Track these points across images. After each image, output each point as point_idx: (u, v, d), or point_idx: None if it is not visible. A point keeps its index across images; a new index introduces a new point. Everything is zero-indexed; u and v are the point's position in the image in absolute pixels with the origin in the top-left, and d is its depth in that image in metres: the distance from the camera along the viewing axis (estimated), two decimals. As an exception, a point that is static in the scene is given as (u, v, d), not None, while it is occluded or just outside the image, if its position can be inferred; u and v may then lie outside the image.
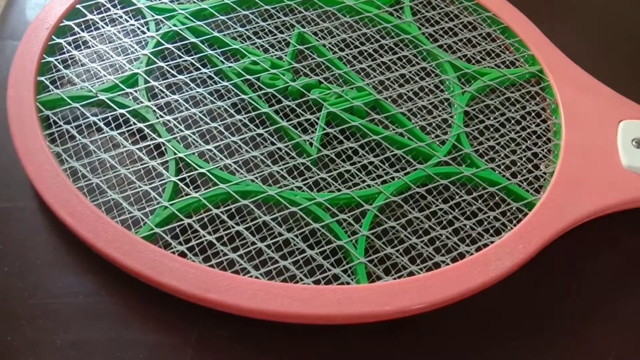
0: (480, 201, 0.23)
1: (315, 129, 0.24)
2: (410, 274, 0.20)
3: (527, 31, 0.27)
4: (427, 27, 0.28)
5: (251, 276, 0.20)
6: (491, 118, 0.25)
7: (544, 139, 0.24)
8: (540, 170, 0.23)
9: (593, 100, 0.25)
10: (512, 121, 0.25)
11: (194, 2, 0.27)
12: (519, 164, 0.24)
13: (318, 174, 0.23)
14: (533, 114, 0.25)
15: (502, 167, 0.24)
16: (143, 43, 0.26)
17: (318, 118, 0.24)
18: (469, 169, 0.23)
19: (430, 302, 0.20)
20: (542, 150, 0.24)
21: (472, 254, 0.21)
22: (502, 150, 0.24)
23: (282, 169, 0.23)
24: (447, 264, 0.21)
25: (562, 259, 0.23)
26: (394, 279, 0.20)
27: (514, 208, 0.22)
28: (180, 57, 0.25)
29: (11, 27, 0.28)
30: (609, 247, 0.23)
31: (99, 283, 0.21)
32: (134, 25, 0.26)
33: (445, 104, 0.25)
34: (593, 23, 0.30)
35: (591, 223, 0.23)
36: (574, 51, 0.27)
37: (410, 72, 0.26)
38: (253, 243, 0.21)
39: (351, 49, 0.27)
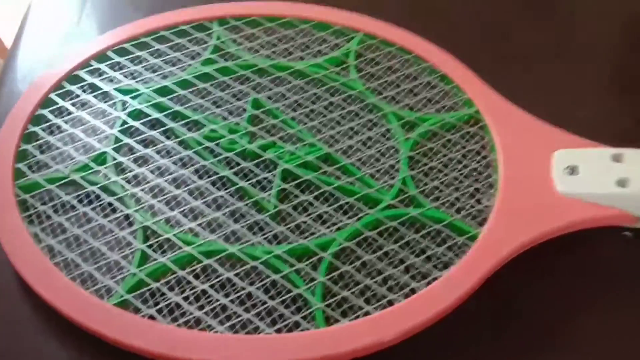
0: (428, 238, 0.24)
1: (273, 186, 0.26)
2: (366, 313, 0.22)
3: (464, 76, 0.29)
4: (371, 82, 0.30)
5: (216, 332, 0.21)
6: (434, 160, 0.27)
7: (484, 174, 0.26)
8: (482, 204, 0.25)
9: (528, 134, 0.27)
10: (454, 161, 0.27)
11: (156, 80, 0.30)
12: (462, 200, 0.25)
13: (277, 228, 0.24)
14: (473, 152, 0.27)
15: (447, 204, 0.25)
16: (111, 122, 0.28)
17: (275, 175, 0.26)
18: (415, 210, 0.25)
19: (383, 340, 0.21)
20: (483, 185, 0.26)
21: (422, 289, 0.22)
22: (446, 188, 0.26)
23: (243, 227, 0.24)
24: (400, 301, 0.22)
25: (509, 286, 0.24)
26: (350, 320, 0.22)
27: (459, 242, 0.24)
28: (144, 132, 0.28)
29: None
30: (551, 269, 0.25)
31: (79, 352, 0.22)
32: (102, 107, 0.29)
33: (392, 151, 0.27)
34: (530, 61, 0.33)
35: (537, 248, 0.24)
36: (511, 89, 0.29)
37: (358, 124, 0.28)
38: (217, 300, 0.22)
39: (303, 109, 0.29)
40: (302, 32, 0.32)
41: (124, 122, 0.28)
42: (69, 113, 0.29)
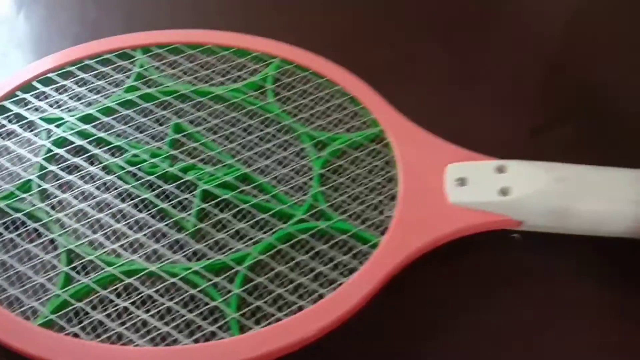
0: (336, 248, 0.27)
1: (193, 206, 0.28)
2: (277, 320, 0.24)
3: (370, 98, 0.32)
4: (287, 105, 0.32)
5: (137, 345, 0.23)
6: (343, 176, 0.30)
7: (387, 188, 0.29)
8: (384, 215, 0.28)
9: (425, 150, 0.30)
10: (361, 176, 0.30)
11: (80, 109, 0.31)
12: (366, 212, 0.28)
13: (195, 245, 0.26)
14: (378, 168, 0.30)
15: (353, 216, 0.28)
16: (36, 151, 0.29)
17: (194, 196, 0.28)
18: (324, 222, 0.27)
19: (292, 343, 0.23)
20: (386, 197, 0.29)
21: (328, 294, 0.25)
22: (353, 202, 0.29)
23: (163, 246, 0.26)
24: (308, 307, 0.24)
25: (407, 286, 0.26)
26: (262, 327, 0.24)
27: (363, 250, 0.27)
28: (68, 159, 0.29)
29: None
30: (448, 271, 0.28)
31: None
32: (27, 136, 0.30)
33: (305, 169, 0.30)
34: (431, 83, 0.36)
35: (433, 253, 0.27)
36: (414, 109, 0.32)
37: (274, 145, 0.31)
38: (138, 315, 0.24)
39: (223, 132, 0.31)
40: (223, 58, 0.34)
41: (49, 150, 0.29)
42: (-5, 143, 0.30)
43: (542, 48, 0.40)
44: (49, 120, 0.30)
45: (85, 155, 0.29)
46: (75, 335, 0.23)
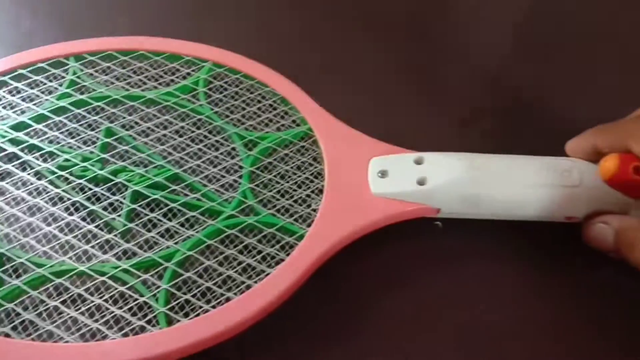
0: (264, 241, 0.28)
1: (123, 207, 0.28)
2: (205, 312, 0.25)
3: (299, 98, 0.33)
4: (219, 107, 0.33)
5: (67, 342, 0.24)
6: (273, 173, 0.31)
7: (315, 182, 0.30)
8: (311, 208, 0.29)
9: (349, 145, 0.31)
10: (290, 172, 0.31)
11: (13, 117, 0.31)
12: (295, 205, 0.29)
13: (125, 245, 0.27)
14: (306, 164, 0.31)
15: (282, 210, 0.29)
16: (-33, 159, 0.30)
17: (125, 197, 0.29)
18: (252, 218, 0.28)
19: (219, 333, 0.24)
20: (313, 192, 0.30)
21: (255, 285, 0.26)
22: (282, 197, 0.30)
23: (93, 246, 0.27)
24: (236, 297, 0.25)
25: (337, 274, 0.28)
26: (189, 319, 0.25)
27: (291, 242, 0.28)
28: (0, 166, 0.29)
29: None
30: (374, 258, 0.29)
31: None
32: (-42, 144, 0.30)
33: (236, 167, 0.31)
34: (358, 82, 0.38)
35: (358, 244, 0.29)
36: (342, 107, 0.34)
37: (205, 145, 0.32)
38: (68, 314, 0.25)
39: (155, 134, 0.32)
40: (155, 63, 0.35)
41: (-20, 158, 0.30)
42: None
43: (467, 47, 0.42)
44: (-20, 129, 0.31)
45: (18, 162, 0.30)
46: (7, 336, 0.24)
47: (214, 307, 0.25)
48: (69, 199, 0.29)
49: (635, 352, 0.27)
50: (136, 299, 0.25)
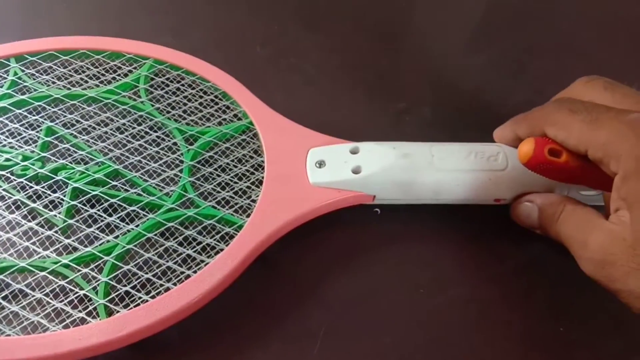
0: (204, 233, 0.29)
1: (63, 204, 0.29)
2: (144, 302, 0.26)
3: (239, 92, 0.34)
4: (160, 103, 0.34)
5: (8, 335, 0.24)
6: (214, 166, 0.32)
7: (255, 175, 0.31)
8: (251, 199, 0.30)
9: (289, 137, 0.32)
10: (231, 165, 0.32)
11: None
12: (235, 197, 0.30)
13: (65, 240, 0.28)
14: (247, 157, 0.32)
15: (223, 202, 0.30)
16: None
17: (65, 194, 0.29)
18: (192, 210, 0.29)
19: (159, 320, 0.25)
20: (253, 183, 0.31)
21: (194, 275, 0.27)
22: (222, 190, 0.31)
23: (34, 243, 0.27)
24: (174, 287, 0.26)
25: (282, 262, 0.29)
26: (128, 309, 0.25)
27: (230, 232, 0.29)
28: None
29: None
30: (317, 246, 0.30)
31: None
32: None
33: (177, 162, 0.32)
34: (301, 77, 0.39)
35: (302, 229, 0.30)
36: (284, 101, 0.35)
37: (146, 141, 0.32)
38: (10, 308, 0.25)
39: (96, 131, 0.32)
40: (97, 62, 0.35)
41: None
42: None
43: (404, 40, 0.43)
44: None
45: (-44, 163, 0.30)
46: (-55, 333, 0.24)
47: (153, 297, 0.26)
48: (10, 198, 0.29)
49: (562, 318, 0.29)
50: (76, 293, 0.26)
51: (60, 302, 0.26)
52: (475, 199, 0.31)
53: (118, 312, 0.25)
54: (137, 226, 0.28)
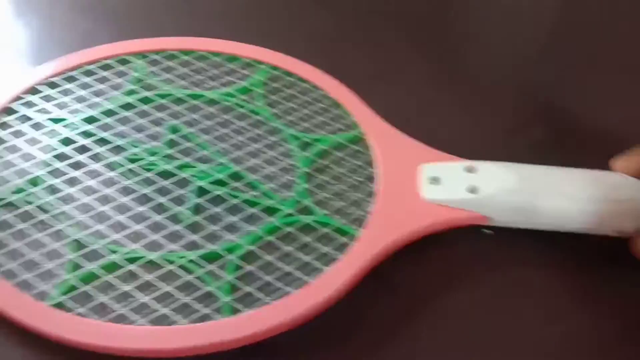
0: (320, 241, 0.29)
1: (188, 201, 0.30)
2: (266, 304, 0.27)
3: (351, 102, 0.35)
4: (274, 108, 0.35)
5: (137, 325, 0.26)
6: (327, 175, 0.32)
7: (366, 186, 0.32)
8: (363, 210, 0.31)
9: (400, 150, 0.33)
10: (343, 175, 0.32)
11: (83, 110, 0.33)
12: (348, 208, 0.31)
13: (191, 237, 0.29)
14: (358, 167, 0.33)
15: (336, 211, 0.31)
16: (45, 149, 0.32)
17: (190, 191, 0.31)
18: (308, 217, 0.30)
19: (279, 324, 0.26)
20: (365, 194, 0.31)
21: (312, 281, 0.27)
22: (335, 198, 0.31)
23: (163, 236, 0.29)
24: (294, 292, 0.27)
25: (393, 274, 0.29)
26: (253, 309, 0.26)
27: (344, 242, 0.29)
28: (73, 157, 0.31)
29: None
30: (429, 263, 0.30)
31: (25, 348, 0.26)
32: (36, 135, 0.32)
33: (292, 167, 0.33)
34: (409, 87, 0.39)
35: (416, 245, 0.30)
36: (391, 111, 0.35)
37: (262, 145, 0.33)
38: (139, 298, 0.26)
39: (217, 132, 0.34)
40: (215, 64, 0.37)
41: (55, 148, 0.32)
42: (4, 142, 0.32)
43: (517, 52, 0.43)
44: (55, 121, 0.33)
45: (90, 154, 0.32)
46: (83, 316, 0.26)
47: (274, 300, 0.27)
48: (138, 191, 0.30)
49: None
50: (201, 289, 0.27)
51: (187, 296, 0.27)
52: (596, 229, 0.30)
53: (240, 311, 0.26)
54: (257, 229, 0.29)
